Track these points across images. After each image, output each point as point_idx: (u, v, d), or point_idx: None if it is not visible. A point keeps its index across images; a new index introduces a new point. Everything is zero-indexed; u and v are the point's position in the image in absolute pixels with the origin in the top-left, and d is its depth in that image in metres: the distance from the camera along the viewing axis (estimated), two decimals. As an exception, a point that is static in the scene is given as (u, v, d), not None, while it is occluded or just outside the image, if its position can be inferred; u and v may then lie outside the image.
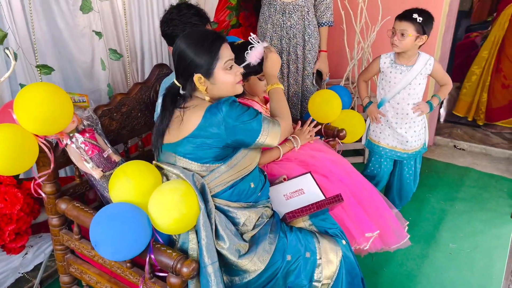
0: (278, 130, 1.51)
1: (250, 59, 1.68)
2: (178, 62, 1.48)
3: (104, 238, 1.32)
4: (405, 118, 2.37)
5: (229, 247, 1.43)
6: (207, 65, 1.43)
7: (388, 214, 1.96)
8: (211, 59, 1.43)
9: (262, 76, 1.85)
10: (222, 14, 2.86)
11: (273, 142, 1.51)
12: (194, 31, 1.51)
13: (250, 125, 1.43)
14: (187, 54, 1.44)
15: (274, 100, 1.66)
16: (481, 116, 3.95)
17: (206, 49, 1.43)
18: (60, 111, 1.46)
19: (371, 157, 2.58)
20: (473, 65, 3.96)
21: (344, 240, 1.65)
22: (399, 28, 2.18)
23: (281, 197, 1.77)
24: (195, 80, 1.45)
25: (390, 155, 2.47)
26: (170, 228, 1.36)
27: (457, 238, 2.54)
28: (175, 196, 1.33)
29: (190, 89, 1.49)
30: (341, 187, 1.87)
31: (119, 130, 1.90)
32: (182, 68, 1.47)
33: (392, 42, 2.23)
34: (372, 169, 2.57)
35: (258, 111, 1.49)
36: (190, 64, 1.44)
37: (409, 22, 2.15)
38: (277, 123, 1.52)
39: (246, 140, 1.46)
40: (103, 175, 1.65)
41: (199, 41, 1.44)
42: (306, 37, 2.65)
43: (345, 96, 2.47)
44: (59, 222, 1.68)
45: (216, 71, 1.45)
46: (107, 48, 2.18)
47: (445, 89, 2.41)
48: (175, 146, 1.48)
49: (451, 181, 3.16)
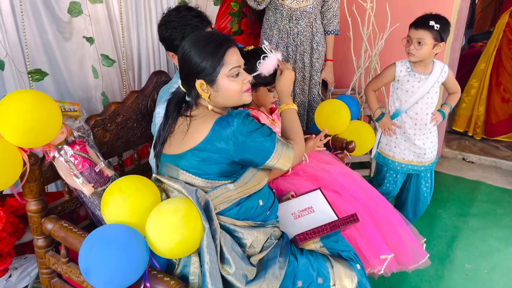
0: (291, 154, 1.37)
1: (262, 69, 1.54)
2: (181, 66, 1.36)
3: (96, 266, 1.16)
4: (423, 129, 2.24)
5: (235, 272, 1.28)
6: (210, 71, 1.31)
7: (404, 231, 1.82)
8: (215, 64, 1.30)
9: (272, 87, 1.73)
10: (223, 20, 2.74)
11: (284, 167, 1.37)
12: (201, 33, 1.39)
13: (261, 144, 1.30)
14: (190, 58, 1.32)
15: (287, 121, 1.51)
16: (477, 130, 3.87)
17: (210, 53, 1.30)
18: (46, 121, 1.33)
19: (385, 173, 2.42)
20: (471, 79, 3.89)
21: (358, 264, 1.50)
22: (416, 36, 2.06)
23: (289, 216, 1.63)
24: (197, 86, 1.33)
25: (406, 170, 2.34)
26: (171, 253, 1.22)
27: (473, 258, 2.39)
28: (176, 218, 1.19)
29: (194, 96, 1.37)
30: (354, 204, 1.74)
31: (113, 142, 1.76)
32: (185, 73, 1.35)
33: (408, 51, 2.11)
34: (388, 185, 2.43)
35: (272, 130, 1.35)
36: (192, 68, 1.32)
37: (426, 30, 2.03)
38: (291, 146, 1.39)
39: (255, 160, 1.32)
40: (95, 192, 1.51)
41: (204, 43, 1.31)
42: (314, 45, 2.54)
43: (354, 106, 2.34)
44: (45, 243, 1.53)
45: (220, 77, 1.32)
46: (99, 54, 2.04)
47: (455, 96, 2.30)
48: (178, 159, 1.34)
49: (462, 195, 3.03)
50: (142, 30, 2.23)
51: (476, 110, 3.81)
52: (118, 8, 2.08)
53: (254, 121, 1.32)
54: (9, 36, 1.70)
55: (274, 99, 1.77)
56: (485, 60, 3.74)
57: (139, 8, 2.18)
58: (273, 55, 1.53)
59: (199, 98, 1.38)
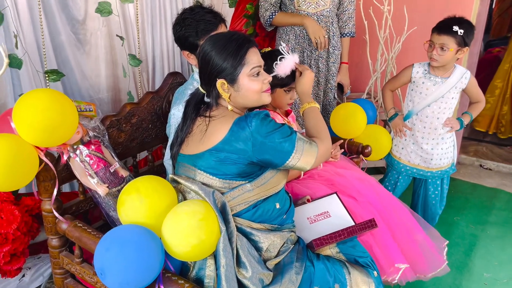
0: (314, 151, 1.32)
1: (279, 70, 1.53)
2: (202, 66, 1.35)
3: (112, 267, 1.14)
4: (433, 134, 2.19)
5: (251, 276, 1.25)
6: (232, 70, 1.30)
7: (421, 237, 1.78)
8: (236, 64, 1.30)
9: (288, 88, 1.71)
10: (238, 23, 2.73)
11: (306, 166, 1.32)
12: (221, 33, 1.39)
13: (280, 145, 1.27)
14: (211, 57, 1.31)
15: (310, 119, 1.47)
16: (502, 129, 3.89)
17: (232, 53, 1.30)
18: (63, 120, 1.32)
19: (388, 172, 2.42)
20: (495, 79, 3.91)
21: (375, 271, 1.47)
22: (438, 42, 2.01)
23: (304, 221, 1.61)
24: (218, 85, 1.32)
25: (411, 173, 2.30)
26: (187, 256, 1.20)
27: (491, 267, 2.32)
28: (193, 221, 1.17)
29: (214, 96, 1.36)
30: (370, 210, 1.70)
31: (128, 142, 1.76)
32: (205, 73, 1.34)
33: (430, 56, 2.06)
34: (386, 184, 2.42)
35: (292, 130, 1.32)
36: (213, 68, 1.31)
37: (449, 35, 1.99)
38: (314, 144, 1.34)
39: (274, 161, 1.29)
40: (109, 192, 1.50)
41: (225, 43, 1.31)
42: (331, 49, 2.51)
43: (370, 110, 2.32)
44: (60, 243, 1.52)
45: (241, 77, 1.31)
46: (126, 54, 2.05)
47: (478, 106, 2.22)
48: (195, 159, 1.33)
49: (480, 203, 2.96)
50: (157, 31, 2.22)
51: (501, 109, 3.83)
52: (134, 9, 2.08)
53: (273, 121, 1.30)
54: (26, 35, 1.71)
55: (290, 100, 1.75)
56: (509, 61, 3.78)
57: (154, 9, 2.18)
58: (290, 56, 1.52)
59: (219, 98, 1.36)
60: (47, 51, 1.79)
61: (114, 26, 2.01)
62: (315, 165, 1.35)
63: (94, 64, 1.98)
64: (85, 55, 1.94)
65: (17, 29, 1.66)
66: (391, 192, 2.35)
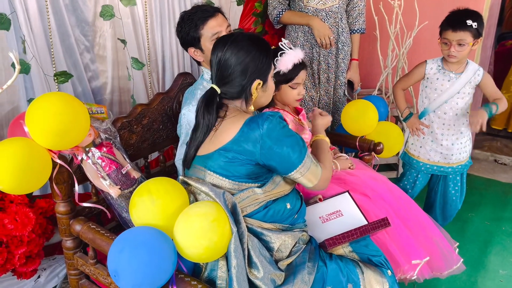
0: (319, 173, 1.34)
1: (280, 66, 1.55)
2: (228, 68, 1.31)
3: (125, 268, 1.15)
4: (452, 129, 2.16)
5: (263, 277, 1.25)
6: (266, 71, 1.34)
7: (437, 236, 1.76)
8: (270, 64, 1.35)
9: (294, 84, 1.69)
10: (247, 21, 2.72)
11: (309, 183, 1.34)
12: (241, 35, 1.34)
13: (288, 155, 1.27)
14: (243, 58, 1.30)
15: (318, 148, 1.50)
16: None
17: (265, 54, 1.33)
18: (75, 123, 1.33)
19: (406, 171, 2.38)
20: (510, 75, 3.81)
21: (389, 270, 1.45)
22: (455, 38, 1.97)
23: (316, 220, 1.60)
24: (253, 86, 1.32)
25: (431, 171, 2.26)
26: (199, 258, 1.20)
27: (507, 264, 2.29)
28: (205, 223, 1.17)
29: (246, 96, 1.34)
30: (384, 207, 1.68)
31: (139, 143, 1.76)
32: (235, 74, 1.31)
33: (448, 54, 2.02)
34: (405, 183, 2.38)
35: (305, 143, 1.32)
36: (247, 69, 1.31)
37: (465, 30, 1.95)
38: (320, 166, 1.36)
39: (279, 169, 1.30)
40: (121, 194, 1.51)
41: (255, 45, 1.32)
42: (340, 45, 2.48)
43: (382, 107, 2.28)
44: (74, 244, 1.54)
45: (269, 77, 1.37)
46: (129, 57, 2.05)
47: (501, 102, 2.06)
48: (205, 159, 1.33)
49: (495, 199, 2.91)
50: (166, 32, 2.23)
51: None
52: (143, 10, 2.08)
53: (287, 127, 1.29)
54: (38, 39, 1.72)
55: (298, 96, 1.73)
56: None
57: (163, 10, 2.18)
58: (290, 51, 1.54)
59: (247, 98, 1.34)
60: (57, 54, 1.80)
61: (123, 28, 2.01)
62: (316, 188, 1.36)
63: (103, 66, 2.00)
64: (94, 56, 1.95)
65: (28, 33, 1.67)
66: (409, 191, 2.34)
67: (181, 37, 1.75)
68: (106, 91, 2.06)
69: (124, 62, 2.07)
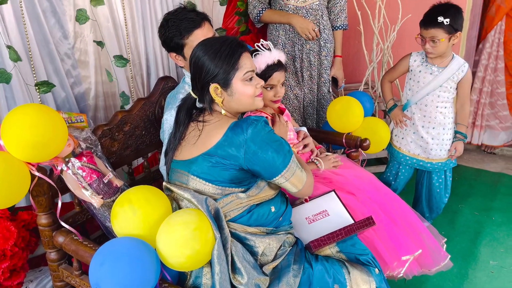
0: (303, 179, 1.35)
1: None
2: (194, 71, 1.34)
3: (107, 281, 1.13)
4: (433, 122, 2.17)
5: (247, 282, 1.24)
6: (225, 74, 1.29)
7: (424, 232, 1.76)
8: (230, 68, 1.29)
9: (268, 85, 1.68)
10: (230, 20, 2.69)
11: (293, 188, 1.34)
12: (213, 38, 1.38)
13: (273, 160, 1.27)
14: (203, 62, 1.30)
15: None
16: None
17: (225, 57, 1.29)
18: (52, 134, 1.30)
19: (389, 162, 2.41)
20: None
21: (377, 268, 1.45)
22: (428, 35, 1.99)
23: (303, 221, 1.59)
24: (211, 90, 1.31)
25: (411, 163, 2.28)
26: (183, 266, 1.19)
27: (497, 254, 2.30)
28: (187, 231, 1.16)
29: (208, 101, 1.35)
30: (370, 205, 1.68)
31: (121, 151, 1.74)
32: (198, 77, 1.33)
33: (425, 50, 2.04)
34: (388, 175, 2.40)
35: (290, 149, 1.32)
36: (206, 72, 1.30)
37: (436, 28, 1.95)
38: (304, 172, 1.36)
39: (264, 174, 1.30)
40: (104, 203, 1.49)
41: (218, 48, 1.30)
42: (322, 42, 2.47)
43: (367, 102, 2.28)
44: (58, 256, 1.52)
45: (234, 81, 1.31)
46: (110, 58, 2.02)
47: (463, 113, 2.15)
48: (189, 164, 1.32)
49: (484, 189, 2.93)
50: (149, 34, 2.19)
51: None
52: (122, 13, 2.05)
53: (272, 132, 1.29)
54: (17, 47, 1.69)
55: (275, 98, 1.70)
56: None
57: (145, 11, 2.15)
58: (265, 52, 1.53)
59: (212, 103, 1.35)
60: (37, 61, 1.77)
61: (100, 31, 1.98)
62: (300, 194, 1.37)
63: (85, 71, 1.97)
64: (76, 62, 1.92)
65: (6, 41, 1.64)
66: (392, 183, 2.35)
67: (163, 41, 1.72)
68: (90, 96, 2.03)
69: (107, 66, 2.04)
